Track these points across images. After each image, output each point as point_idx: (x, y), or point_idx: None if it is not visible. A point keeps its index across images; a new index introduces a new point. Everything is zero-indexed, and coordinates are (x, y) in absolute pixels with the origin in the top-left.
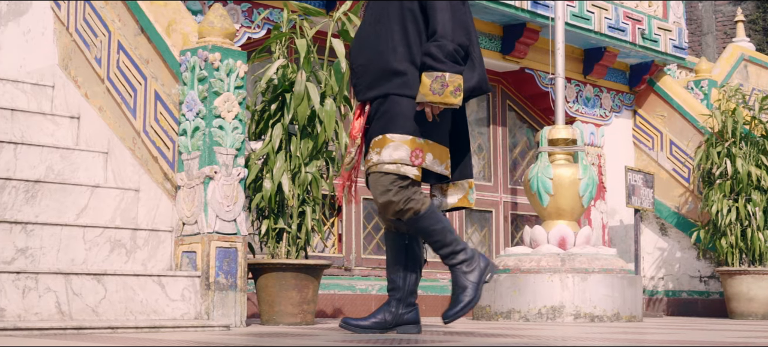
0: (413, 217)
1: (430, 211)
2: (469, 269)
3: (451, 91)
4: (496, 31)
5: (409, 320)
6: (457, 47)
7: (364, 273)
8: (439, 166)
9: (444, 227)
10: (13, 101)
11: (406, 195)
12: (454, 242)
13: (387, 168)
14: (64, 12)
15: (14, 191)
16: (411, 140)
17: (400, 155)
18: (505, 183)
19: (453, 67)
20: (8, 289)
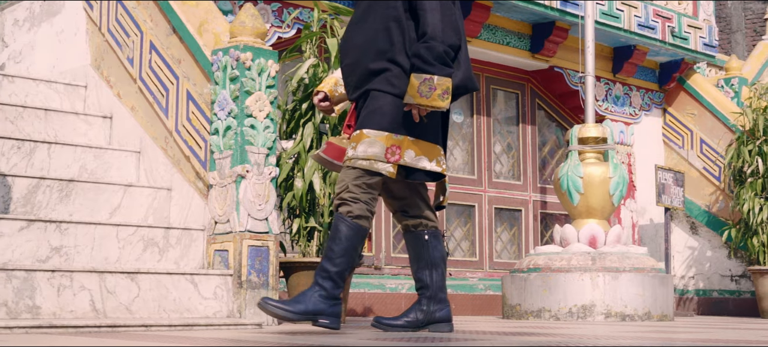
0: (340, 214)
1: (356, 226)
2: (321, 299)
3: (439, 94)
4: (525, 30)
5: (441, 318)
6: (447, 49)
7: (393, 271)
8: (427, 163)
9: (349, 252)
10: (46, 101)
11: (357, 193)
12: (338, 273)
13: (359, 163)
14: (97, 12)
15: (48, 190)
16: (387, 137)
17: (374, 151)
18: (534, 182)
19: (442, 69)
20: (43, 287)
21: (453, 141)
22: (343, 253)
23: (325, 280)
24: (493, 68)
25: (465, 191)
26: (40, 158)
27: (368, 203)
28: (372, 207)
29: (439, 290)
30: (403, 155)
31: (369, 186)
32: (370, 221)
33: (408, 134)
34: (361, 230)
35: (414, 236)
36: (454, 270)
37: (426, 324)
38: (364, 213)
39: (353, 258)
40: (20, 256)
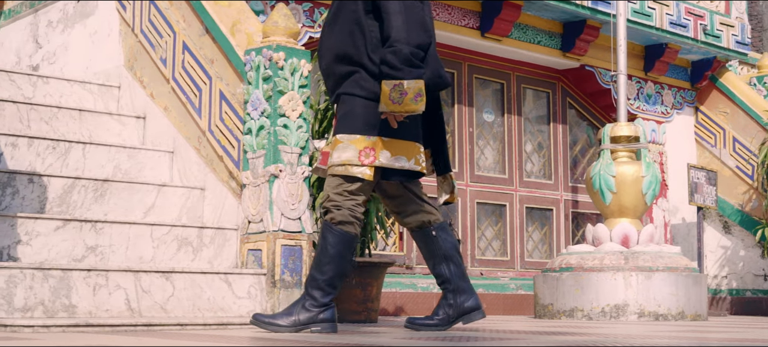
0: (325, 222)
1: (340, 233)
2: (310, 307)
3: (411, 98)
4: (556, 29)
5: (471, 307)
6: (414, 50)
7: (425, 271)
8: (405, 162)
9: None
10: (80, 101)
11: (339, 201)
12: (326, 281)
13: (336, 170)
14: (130, 13)
15: (83, 190)
16: (359, 139)
17: (348, 156)
18: (565, 181)
19: (411, 72)
20: (79, 286)
21: (484, 140)
22: (330, 260)
23: (314, 289)
24: (523, 67)
25: (496, 191)
26: (75, 158)
27: (352, 209)
28: (356, 212)
29: (460, 280)
30: (379, 156)
31: (350, 193)
32: (358, 225)
33: (382, 134)
34: (345, 236)
35: (421, 235)
36: (485, 269)
37: (458, 317)
38: (347, 219)
39: (342, 265)
40: (56, 255)
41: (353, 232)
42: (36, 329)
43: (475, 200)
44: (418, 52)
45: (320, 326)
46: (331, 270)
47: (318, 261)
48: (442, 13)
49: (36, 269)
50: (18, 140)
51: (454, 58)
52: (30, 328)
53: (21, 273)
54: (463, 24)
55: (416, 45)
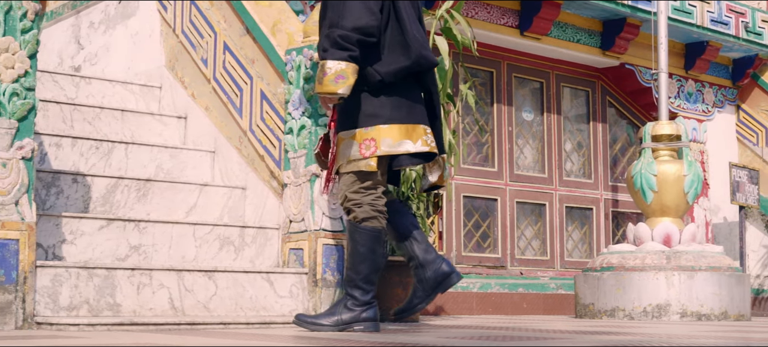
0: (351, 221)
1: (366, 229)
2: (352, 307)
3: (331, 79)
4: (596, 27)
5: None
6: (345, 33)
7: (464, 270)
8: (410, 145)
9: (368, 257)
10: (123, 101)
11: (356, 199)
12: (363, 279)
13: (345, 169)
14: (171, 14)
15: (126, 189)
16: (357, 134)
17: (352, 153)
18: (605, 180)
19: (334, 53)
20: (123, 285)
21: (523, 139)
22: (362, 259)
23: (353, 289)
24: (563, 66)
25: (535, 190)
26: (117, 158)
27: (372, 203)
28: (377, 206)
29: (425, 252)
30: (380, 145)
31: (366, 188)
32: (382, 218)
33: (381, 123)
34: (372, 232)
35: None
36: (525, 269)
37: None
38: (369, 215)
39: (375, 260)
40: (100, 254)
41: (379, 226)
42: (81, 327)
43: (515, 199)
44: (348, 36)
45: (363, 325)
46: (366, 268)
47: (351, 261)
48: (480, 11)
49: (81, 268)
50: (62, 141)
51: (493, 57)
52: (75, 327)
53: (66, 272)
54: (502, 23)
55: (353, 28)
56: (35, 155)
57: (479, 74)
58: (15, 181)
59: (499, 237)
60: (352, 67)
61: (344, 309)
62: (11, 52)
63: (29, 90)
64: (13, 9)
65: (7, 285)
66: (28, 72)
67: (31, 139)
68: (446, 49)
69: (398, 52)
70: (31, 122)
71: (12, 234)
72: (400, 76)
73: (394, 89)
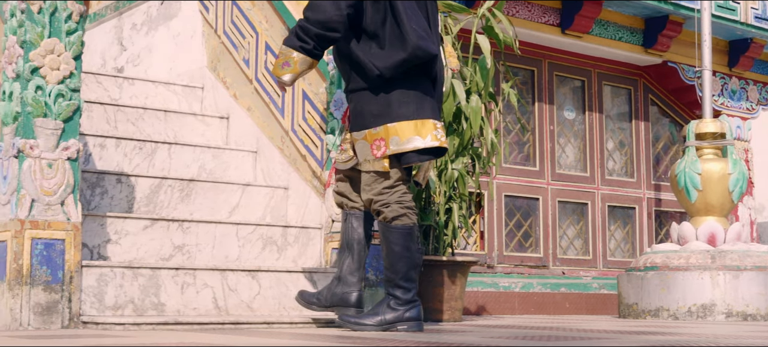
0: (381, 222)
1: (397, 228)
2: (396, 306)
3: (279, 64)
4: (638, 25)
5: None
6: (306, 26)
7: (506, 270)
8: (419, 141)
9: (404, 255)
10: (165, 102)
11: (384, 199)
12: (402, 276)
13: (364, 167)
14: (213, 15)
15: (170, 189)
16: (367, 134)
17: (365, 154)
18: (648, 179)
19: (289, 40)
20: (168, 285)
21: (565, 138)
22: (398, 258)
23: (395, 289)
24: (604, 64)
25: (577, 189)
26: (161, 158)
27: (400, 200)
28: (405, 202)
29: (349, 274)
30: (389, 144)
31: (389, 187)
32: (412, 214)
33: (387, 121)
34: (404, 230)
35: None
36: (567, 268)
37: (332, 304)
38: (399, 213)
39: (411, 257)
40: (145, 254)
41: (410, 222)
42: (126, 327)
43: (557, 198)
44: (308, 28)
45: (406, 324)
46: (403, 266)
47: (388, 261)
48: (521, 10)
49: (126, 267)
50: (106, 141)
51: (534, 56)
52: (121, 326)
53: (111, 272)
54: (543, 21)
55: (315, 21)
56: (80, 155)
57: (520, 73)
58: (61, 181)
59: (541, 237)
60: (302, 58)
61: (387, 309)
62: (56, 53)
63: (74, 91)
64: (58, 11)
65: (54, 284)
66: (73, 73)
67: (77, 140)
68: (488, 47)
69: (396, 45)
70: (76, 122)
71: (58, 234)
72: (399, 69)
73: (398, 84)
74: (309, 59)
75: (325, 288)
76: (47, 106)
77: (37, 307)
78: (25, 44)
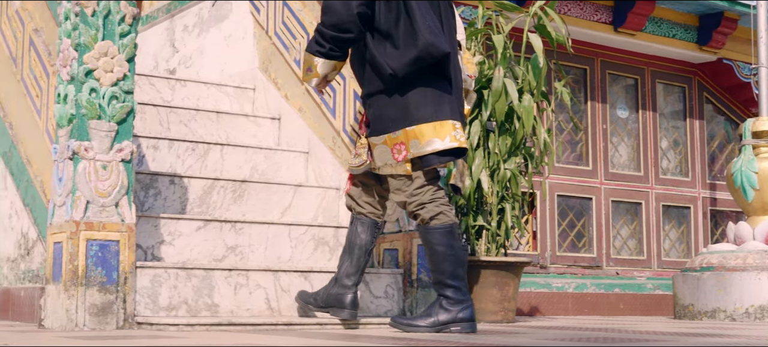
0: (420, 225)
1: (435, 228)
2: (449, 307)
3: (304, 70)
4: (692, 22)
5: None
6: (322, 30)
7: (559, 270)
8: (438, 143)
9: (448, 253)
10: (217, 104)
11: (418, 199)
12: (449, 275)
13: (386, 171)
14: (263, 16)
15: (222, 190)
16: (387, 138)
17: (386, 158)
18: (703, 178)
19: (309, 45)
20: (221, 286)
21: (618, 137)
22: (443, 257)
23: (444, 289)
24: (658, 62)
25: (631, 189)
26: (213, 159)
27: (433, 199)
28: (439, 200)
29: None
30: (409, 148)
31: (419, 187)
32: (449, 211)
33: (406, 125)
34: (443, 228)
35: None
36: (620, 268)
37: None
38: (435, 213)
39: (455, 255)
40: (198, 255)
41: (448, 220)
42: (180, 327)
43: (610, 198)
44: (323, 32)
45: (460, 325)
46: (449, 265)
47: (433, 263)
48: (573, 8)
49: (179, 268)
50: (159, 143)
51: (587, 54)
52: (175, 327)
53: (165, 273)
54: (595, 19)
55: (329, 25)
56: (134, 157)
57: (572, 71)
58: (115, 183)
59: (594, 237)
60: (321, 62)
61: (440, 310)
62: (110, 56)
63: (128, 93)
64: (112, 13)
65: (109, 285)
66: (126, 75)
67: (130, 141)
68: (540, 46)
69: (409, 43)
70: (129, 124)
71: (112, 236)
72: (412, 67)
73: (414, 84)
74: (329, 62)
75: (322, 289)
76: (101, 108)
77: (92, 308)
78: (80, 47)
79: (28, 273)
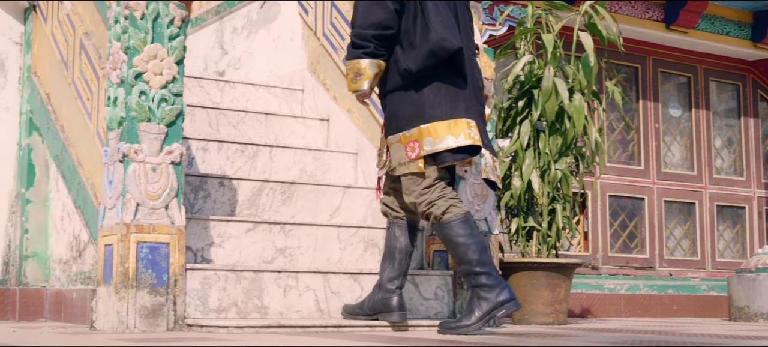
0: (434, 223)
1: (449, 222)
2: (486, 295)
3: (351, 78)
4: (746, 18)
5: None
6: (360, 32)
7: (611, 271)
8: (451, 141)
9: (469, 243)
10: (266, 105)
11: (427, 197)
12: (476, 263)
13: (400, 171)
14: (312, 17)
15: (271, 192)
16: (401, 137)
17: (400, 157)
18: (758, 177)
19: (350, 53)
20: (270, 287)
21: (670, 136)
22: (465, 248)
23: (477, 278)
24: (711, 60)
25: (684, 188)
26: (262, 160)
27: (441, 194)
28: (448, 195)
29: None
30: (423, 145)
31: (429, 186)
32: (459, 204)
33: (420, 123)
34: (457, 219)
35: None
36: (674, 269)
37: (372, 313)
38: (447, 207)
39: (476, 241)
40: (247, 257)
41: (461, 211)
42: (230, 329)
43: (662, 198)
44: (363, 33)
45: (504, 308)
46: (474, 253)
47: (458, 257)
48: (625, 6)
49: (229, 270)
50: (208, 145)
51: (638, 52)
52: (224, 329)
53: (215, 275)
54: (647, 17)
55: (368, 25)
56: (184, 159)
57: (624, 70)
58: (164, 185)
59: (647, 237)
60: (369, 62)
61: (479, 301)
62: (159, 58)
63: (177, 96)
64: (161, 16)
65: (159, 287)
66: (175, 78)
67: (180, 144)
68: (591, 45)
69: (423, 40)
70: (179, 127)
71: (162, 238)
72: (426, 63)
73: (429, 82)
74: (375, 61)
75: (366, 298)
76: (151, 110)
77: (142, 310)
78: (129, 50)
79: (80, 274)
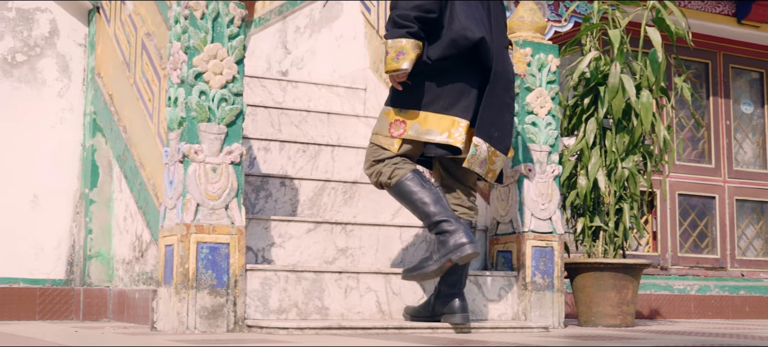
0: (385, 188)
1: (403, 181)
2: (446, 239)
3: (393, 57)
4: None
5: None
6: (403, 12)
7: (681, 272)
8: (436, 135)
9: (423, 199)
10: (328, 104)
11: (377, 168)
12: (436, 213)
13: (372, 139)
14: (374, 16)
15: (333, 192)
16: (391, 111)
17: (380, 126)
18: None
19: (393, 32)
20: (331, 288)
21: (742, 133)
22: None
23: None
24: None
25: (757, 187)
26: (324, 160)
27: (385, 164)
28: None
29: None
30: (408, 129)
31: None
32: (403, 163)
33: (415, 107)
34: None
35: None
36: (746, 270)
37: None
38: (394, 171)
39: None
40: (308, 257)
41: (407, 169)
42: (290, 331)
43: (734, 196)
44: (406, 14)
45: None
46: (430, 205)
47: (417, 213)
48: (694, 1)
49: (290, 271)
50: (270, 145)
51: (708, 48)
52: (285, 330)
53: (275, 275)
54: (717, 11)
55: (413, 6)
56: (244, 159)
57: (693, 66)
58: (225, 186)
59: (718, 237)
60: (412, 42)
61: (439, 246)
62: (219, 58)
63: (237, 95)
64: (220, 15)
65: (219, 288)
66: (235, 77)
67: (240, 143)
68: (659, 40)
69: (448, 31)
70: (239, 126)
71: (222, 238)
72: (446, 53)
73: (442, 75)
74: (417, 42)
75: (426, 300)
76: (211, 110)
77: (202, 311)
78: (189, 50)
79: (142, 275)
